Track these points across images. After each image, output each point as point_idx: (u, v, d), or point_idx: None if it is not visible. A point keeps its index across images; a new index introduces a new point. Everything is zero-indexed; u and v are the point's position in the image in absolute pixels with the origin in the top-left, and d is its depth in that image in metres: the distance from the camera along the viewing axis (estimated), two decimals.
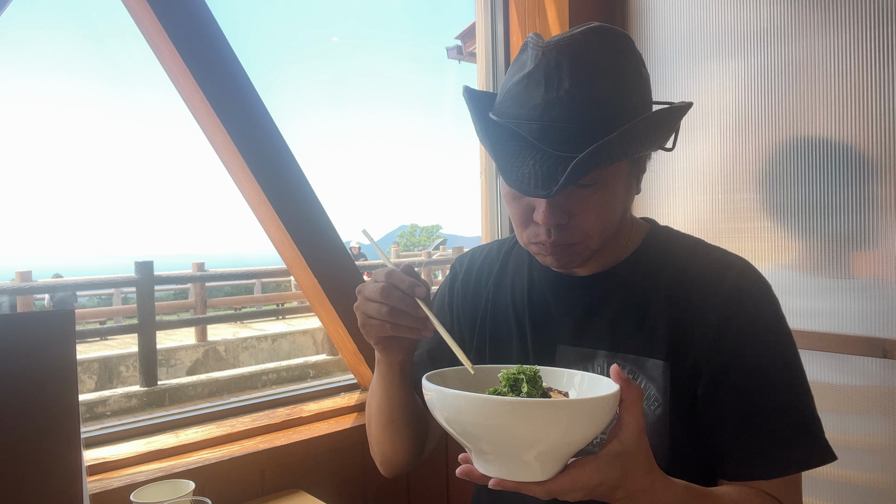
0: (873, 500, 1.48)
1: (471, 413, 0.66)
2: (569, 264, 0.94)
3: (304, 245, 1.53)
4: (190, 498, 1.05)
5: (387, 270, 0.88)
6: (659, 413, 0.91)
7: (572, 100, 0.81)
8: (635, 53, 0.88)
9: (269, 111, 1.49)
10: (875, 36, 1.45)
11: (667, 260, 0.97)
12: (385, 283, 0.87)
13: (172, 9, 1.34)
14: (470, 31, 7.64)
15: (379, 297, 0.86)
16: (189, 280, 10.08)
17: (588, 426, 0.67)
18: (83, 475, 0.83)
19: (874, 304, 1.47)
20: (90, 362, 8.63)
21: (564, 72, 0.82)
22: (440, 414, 0.71)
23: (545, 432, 0.65)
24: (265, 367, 8.83)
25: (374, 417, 1.06)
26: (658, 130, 0.86)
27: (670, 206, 1.81)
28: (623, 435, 0.71)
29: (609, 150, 0.79)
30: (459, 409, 0.67)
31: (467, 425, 0.67)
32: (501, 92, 0.90)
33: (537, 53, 0.84)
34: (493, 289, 1.10)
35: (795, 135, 1.58)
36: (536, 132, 0.83)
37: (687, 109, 0.88)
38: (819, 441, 0.89)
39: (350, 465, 1.53)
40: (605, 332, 0.96)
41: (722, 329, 0.89)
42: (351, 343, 1.65)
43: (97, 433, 1.42)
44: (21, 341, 0.79)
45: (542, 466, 0.68)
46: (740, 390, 0.88)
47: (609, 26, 0.86)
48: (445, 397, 0.69)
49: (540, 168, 0.81)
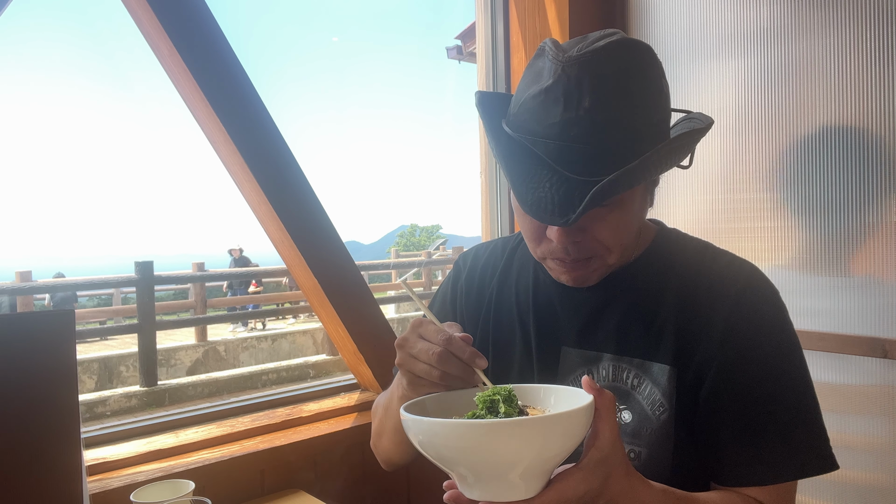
0: (873, 500, 1.48)
1: (449, 438, 0.66)
2: (585, 281, 0.92)
3: (304, 245, 1.53)
4: (190, 498, 1.05)
5: (446, 337, 0.81)
6: (664, 418, 0.90)
7: (592, 120, 0.79)
8: (657, 67, 0.85)
9: (270, 111, 1.49)
10: (875, 36, 1.45)
11: (675, 264, 0.96)
12: (443, 350, 0.80)
13: (172, 9, 1.34)
14: (470, 31, 7.64)
15: (435, 362, 0.80)
16: (189, 280, 10.07)
17: (565, 440, 0.67)
18: (83, 475, 0.83)
19: (874, 304, 1.47)
20: (90, 362, 8.63)
21: (585, 90, 0.79)
22: (419, 442, 0.70)
23: (524, 451, 0.65)
24: (265, 368, 8.83)
25: (388, 434, 1.06)
26: (679, 154, 0.85)
27: (670, 206, 1.81)
28: (600, 443, 0.71)
29: (629, 177, 0.78)
30: (436, 436, 0.67)
31: (444, 450, 0.67)
32: (516, 102, 0.87)
33: (556, 68, 0.81)
34: (496, 288, 1.09)
35: (795, 134, 1.58)
36: (554, 152, 0.80)
37: (707, 130, 0.86)
38: (819, 450, 0.88)
39: (350, 465, 1.53)
40: (611, 336, 0.95)
41: (728, 335, 0.88)
42: (351, 343, 1.65)
43: (97, 433, 1.42)
44: (21, 341, 0.79)
45: (527, 484, 0.68)
46: (741, 397, 0.88)
47: (631, 39, 0.83)
48: (422, 425, 0.68)
49: (556, 192, 0.79)
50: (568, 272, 0.91)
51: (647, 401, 0.91)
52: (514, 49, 1.94)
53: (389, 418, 1.04)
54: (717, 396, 0.89)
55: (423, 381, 0.83)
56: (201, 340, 9.71)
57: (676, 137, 0.84)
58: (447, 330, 0.82)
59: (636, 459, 0.91)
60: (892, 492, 1.46)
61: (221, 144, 1.47)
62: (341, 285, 1.59)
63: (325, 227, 1.57)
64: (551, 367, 0.99)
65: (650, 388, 0.91)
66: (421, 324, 0.84)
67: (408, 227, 35.52)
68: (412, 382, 0.85)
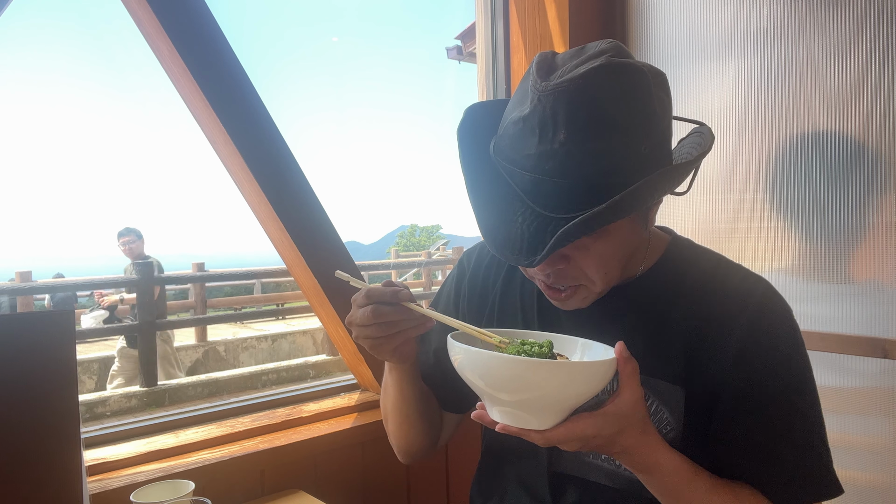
0: (873, 500, 1.48)
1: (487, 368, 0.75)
2: (572, 306, 0.91)
3: (304, 245, 1.53)
4: (190, 498, 1.05)
5: (363, 292, 0.88)
6: (671, 437, 0.90)
7: (567, 153, 0.75)
8: (645, 89, 0.78)
9: (270, 111, 1.49)
10: (875, 36, 1.45)
11: (686, 279, 0.93)
12: (372, 305, 0.87)
13: (172, 9, 1.34)
14: (470, 31, 7.64)
15: (372, 319, 0.87)
16: (189, 280, 10.05)
17: (583, 386, 0.74)
18: (83, 475, 0.83)
19: (874, 304, 1.47)
20: (90, 362, 8.62)
21: (560, 122, 0.75)
22: (458, 363, 0.78)
23: (546, 386, 0.73)
24: (265, 368, 8.83)
25: (391, 414, 1.12)
26: (663, 187, 0.80)
27: (670, 207, 1.81)
28: (619, 399, 0.75)
29: (600, 218, 0.74)
30: (473, 363, 0.76)
31: (482, 377, 0.75)
32: (503, 122, 0.84)
33: (534, 97, 0.77)
34: (500, 290, 1.08)
35: (795, 135, 1.58)
36: (528, 185, 0.78)
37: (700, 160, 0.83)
38: (829, 474, 0.88)
39: (350, 465, 1.53)
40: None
41: (740, 357, 0.87)
42: (351, 343, 1.65)
43: (97, 433, 1.42)
44: (21, 341, 0.79)
45: (544, 417, 0.75)
46: (754, 421, 0.87)
47: (618, 62, 0.77)
48: (471, 355, 0.76)
49: (527, 229, 0.78)
50: (555, 299, 0.91)
51: (653, 418, 0.91)
52: (514, 49, 1.94)
53: (388, 396, 1.10)
54: (729, 419, 0.88)
55: (380, 341, 0.89)
56: (201, 340, 9.71)
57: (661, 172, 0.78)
58: (365, 286, 0.89)
59: None
60: (892, 492, 1.46)
61: (221, 145, 1.47)
62: (341, 285, 1.58)
63: (325, 227, 1.57)
64: None
65: (657, 405, 0.91)
66: (354, 299, 0.90)
67: (408, 227, 35.47)
68: (373, 348, 0.91)
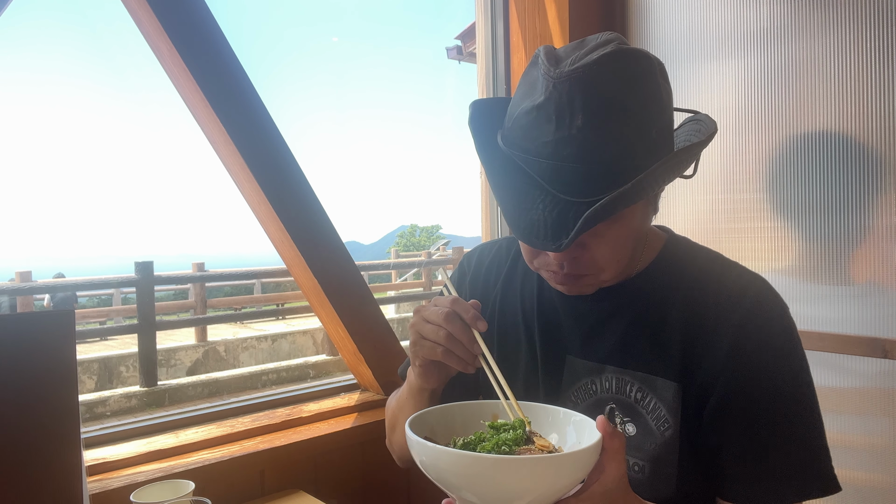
0: (873, 500, 1.48)
1: (457, 467, 0.67)
2: (580, 293, 0.92)
3: (304, 245, 1.53)
4: (190, 498, 1.05)
5: (452, 298, 0.88)
6: (669, 434, 0.89)
7: (585, 138, 0.76)
8: (654, 75, 0.81)
9: (270, 111, 1.49)
10: (875, 36, 1.45)
11: (683, 276, 0.94)
12: (449, 310, 0.86)
13: (172, 9, 1.34)
14: (470, 31, 7.63)
15: (440, 320, 0.86)
16: (189, 280, 10.06)
17: (569, 479, 0.68)
18: (83, 475, 0.83)
19: (874, 304, 1.47)
20: (90, 362, 8.62)
21: (577, 108, 0.76)
22: (421, 463, 0.71)
23: (529, 485, 0.66)
24: (265, 368, 8.83)
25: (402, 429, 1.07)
26: (677, 169, 0.83)
27: (670, 206, 1.81)
28: (604, 478, 0.71)
29: (623, 199, 0.75)
30: (440, 462, 0.68)
31: (450, 476, 0.68)
32: (511, 115, 0.85)
33: (548, 84, 0.78)
34: (501, 291, 1.08)
35: (795, 135, 1.58)
36: (547, 172, 0.78)
37: (708, 142, 0.84)
38: (823, 472, 0.87)
39: (350, 465, 1.53)
40: (615, 348, 0.94)
41: (734, 353, 0.87)
42: (351, 343, 1.65)
43: (97, 433, 1.42)
44: (21, 341, 0.79)
45: None
46: (746, 416, 0.87)
47: (626, 48, 0.79)
48: (427, 450, 0.69)
49: (549, 215, 0.78)
50: (562, 284, 0.91)
51: (651, 416, 0.91)
52: (514, 49, 1.94)
53: (402, 412, 1.04)
54: (722, 414, 0.88)
55: (428, 343, 0.88)
56: (201, 341, 9.71)
57: (675, 154, 0.81)
58: (456, 294, 0.90)
59: (640, 472, 0.91)
60: (892, 492, 1.46)
61: (221, 145, 1.48)
62: (341, 285, 1.59)
63: (325, 227, 1.57)
64: (556, 376, 0.98)
65: (654, 403, 0.90)
66: (439, 299, 0.91)
67: (408, 227, 35.46)
68: (416, 344, 0.90)
